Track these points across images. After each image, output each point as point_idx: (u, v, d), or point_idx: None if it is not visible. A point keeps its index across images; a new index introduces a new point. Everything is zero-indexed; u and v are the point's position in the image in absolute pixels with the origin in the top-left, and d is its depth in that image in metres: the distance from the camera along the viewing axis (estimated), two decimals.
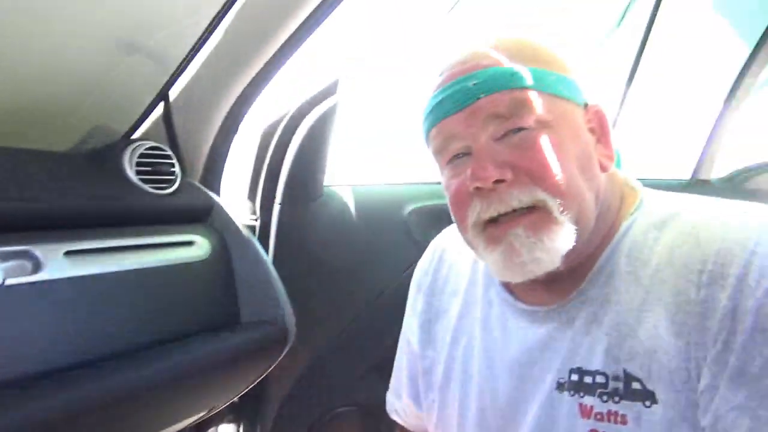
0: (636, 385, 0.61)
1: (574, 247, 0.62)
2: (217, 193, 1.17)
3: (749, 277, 0.55)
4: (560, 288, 0.68)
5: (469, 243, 0.69)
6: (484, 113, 0.63)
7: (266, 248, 1.24)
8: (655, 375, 0.59)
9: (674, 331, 0.59)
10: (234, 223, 1.03)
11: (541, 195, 0.61)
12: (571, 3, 2.36)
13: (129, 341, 0.82)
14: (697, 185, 2.16)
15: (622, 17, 2.41)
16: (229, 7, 0.86)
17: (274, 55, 1.02)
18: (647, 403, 0.60)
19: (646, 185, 0.72)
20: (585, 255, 0.67)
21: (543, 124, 0.62)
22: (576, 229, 0.62)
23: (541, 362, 0.69)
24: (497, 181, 0.62)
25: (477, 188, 0.63)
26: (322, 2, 0.93)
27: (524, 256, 0.62)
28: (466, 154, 0.65)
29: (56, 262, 0.76)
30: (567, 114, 0.65)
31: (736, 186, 2.21)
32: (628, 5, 2.40)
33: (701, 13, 2.34)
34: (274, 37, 0.98)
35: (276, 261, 1.23)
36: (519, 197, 0.62)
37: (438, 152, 0.69)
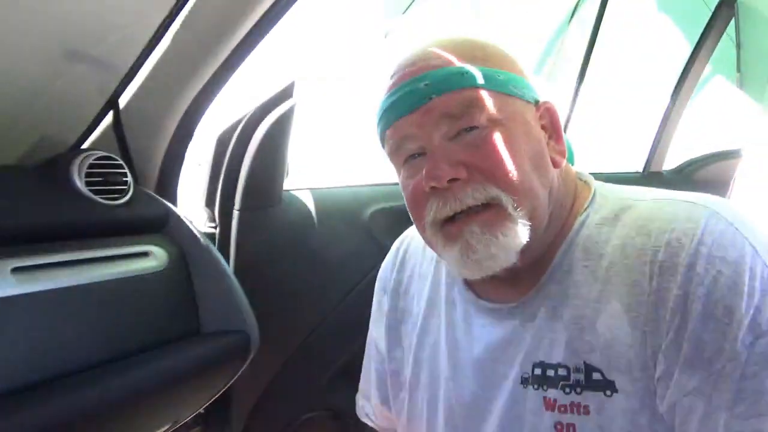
0: (596, 376, 0.62)
1: (529, 243, 0.63)
2: (173, 201, 1.14)
3: (697, 265, 0.57)
4: (520, 285, 0.69)
5: (428, 242, 0.70)
6: (436, 113, 0.64)
7: (226, 256, 1.22)
8: (614, 365, 0.61)
9: (630, 322, 0.60)
10: (191, 231, 1.01)
11: (495, 192, 0.62)
12: (522, 2, 2.40)
13: (85, 358, 0.79)
14: (649, 177, 2.22)
15: (572, 15, 2.47)
16: (177, 13, 0.85)
17: (226, 59, 1.00)
18: (608, 392, 0.61)
19: (601, 179, 0.74)
20: (541, 250, 0.68)
21: (495, 123, 0.63)
22: (530, 225, 0.63)
23: (505, 358, 0.70)
24: (452, 180, 0.62)
25: (433, 188, 0.63)
26: (272, 6, 0.92)
27: (480, 252, 0.62)
28: (421, 154, 0.66)
29: (3, 280, 0.73)
30: (518, 112, 0.66)
31: (685, 177, 2.29)
32: (577, 3, 2.47)
33: (646, 12, 2.42)
34: (225, 42, 0.96)
35: (237, 268, 1.21)
36: (474, 195, 0.62)
37: (393, 153, 0.69)
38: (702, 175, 2.26)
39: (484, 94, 0.64)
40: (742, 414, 0.54)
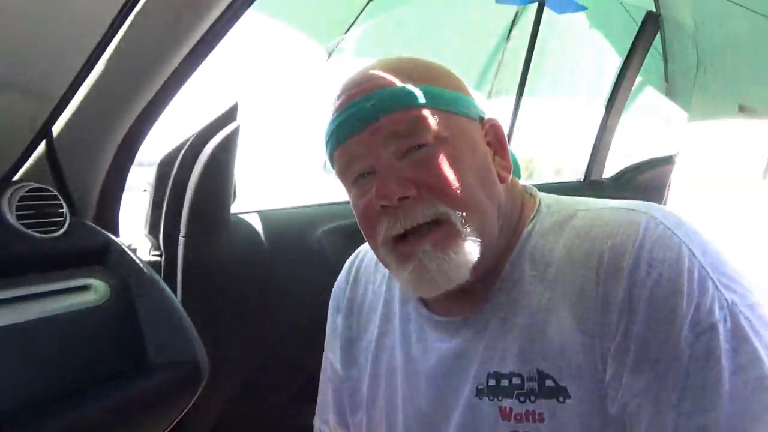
0: (549, 383, 0.63)
1: (480, 258, 0.64)
2: (114, 230, 1.10)
3: (640, 269, 0.58)
4: (472, 298, 0.70)
5: (382, 260, 0.70)
6: (384, 132, 0.64)
7: (173, 284, 1.19)
8: (565, 371, 0.62)
9: (579, 327, 0.61)
10: (135, 261, 0.98)
11: (444, 209, 0.63)
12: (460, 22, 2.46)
13: (26, 398, 0.75)
14: (590, 186, 2.30)
15: (509, 32, 2.56)
16: (110, 39, 0.82)
17: (165, 82, 0.98)
18: (561, 398, 0.62)
19: (546, 189, 0.76)
20: (492, 263, 0.69)
21: (441, 140, 0.64)
22: (480, 241, 0.64)
23: (459, 371, 0.70)
24: (402, 198, 0.63)
25: (383, 206, 0.64)
26: (210, 28, 0.90)
27: (434, 272, 0.63)
28: (371, 173, 0.66)
29: None
30: (464, 129, 0.67)
31: (624, 184, 2.38)
32: (514, 20, 2.56)
33: (580, 28, 2.53)
34: (162, 65, 0.94)
35: (185, 297, 1.18)
36: (423, 212, 0.63)
37: (343, 173, 0.70)
38: (639, 181, 2.36)
39: (430, 113, 0.65)
40: (688, 411, 0.56)
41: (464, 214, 0.63)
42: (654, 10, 2.23)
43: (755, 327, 0.57)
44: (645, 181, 2.33)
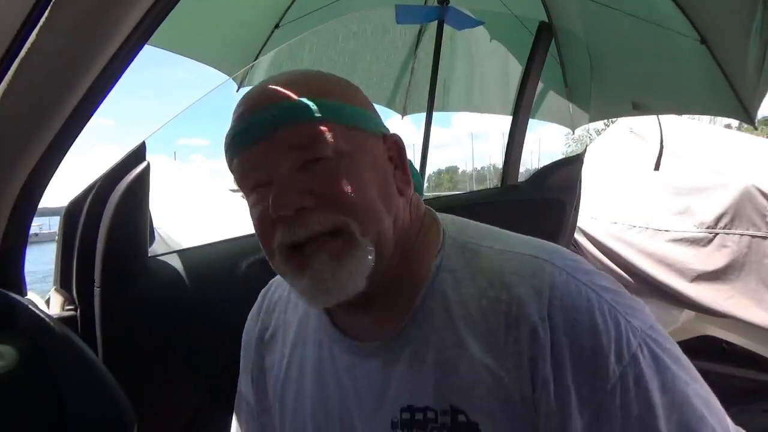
0: (462, 418, 0.64)
1: (376, 268, 0.65)
2: (20, 289, 1.02)
3: (555, 318, 0.61)
4: (381, 320, 0.71)
5: (278, 270, 0.69)
6: (283, 144, 0.64)
7: (92, 339, 1.12)
8: (476, 407, 0.63)
9: (489, 368, 0.63)
10: (45, 320, 0.91)
11: (342, 218, 0.63)
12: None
13: None
14: (507, 190, 2.38)
15: (415, 48, 2.64)
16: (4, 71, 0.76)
17: (66, 121, 0.91)
18: None
19: (468, 196, 0.78)
20: (390, 277, 0.69)
21: (341, 154, 0.65)
22: (377, 251, 0.65)
23: (372, 403, 0.70)
24: (299, 209, 0.63)
25: (280, 216, 0.63)
26: (111, 60, 0.85)
27: (329, 282, 0.63)
28: (268, 183, 0.66)
29: None
30: (364, 144, 0.68)
31: (539, 185, 2.48)
32: (418, 38, 2.64)
33: (481, 41, 2.64)
34: (64, 100, 0.88)
35: (106, 351, 1.11)
36: (320, 221, 0.63)
37: (241, 181, 0.69)
38: (552, 181, 2.47)
39: (331, 127, 0.65)
40: None
41: (362, 223, 0.64)
42: (546, 20, 2.36)
43: (661, 345, 0.62)
44: (557, 181, 2.44)
